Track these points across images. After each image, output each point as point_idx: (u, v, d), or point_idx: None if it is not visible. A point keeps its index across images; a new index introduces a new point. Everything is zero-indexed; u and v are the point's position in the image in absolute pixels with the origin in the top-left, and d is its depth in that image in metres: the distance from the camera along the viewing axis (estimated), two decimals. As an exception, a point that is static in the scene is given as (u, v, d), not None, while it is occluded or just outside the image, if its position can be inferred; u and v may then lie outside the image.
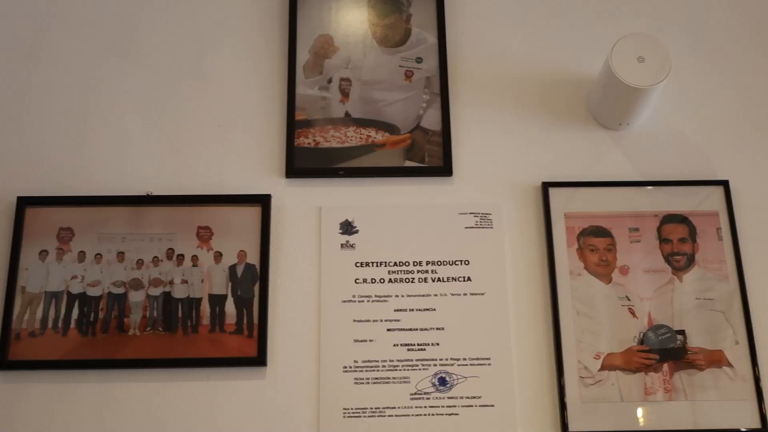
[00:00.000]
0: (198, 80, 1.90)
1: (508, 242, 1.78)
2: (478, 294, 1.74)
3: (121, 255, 1.73)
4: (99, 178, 1.81)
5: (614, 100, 1.79)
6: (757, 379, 1.68)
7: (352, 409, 1.65)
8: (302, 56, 1.90)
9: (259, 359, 1.67)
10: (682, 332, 1.72)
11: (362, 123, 1.85)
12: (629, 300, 1.74)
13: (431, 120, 1.86)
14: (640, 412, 1.66)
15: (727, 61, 1.95)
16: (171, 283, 1.72)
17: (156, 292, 1.71)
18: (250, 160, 1.83)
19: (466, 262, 1.76)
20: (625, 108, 1.79)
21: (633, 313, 1.73)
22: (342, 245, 1.76)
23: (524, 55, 1.94)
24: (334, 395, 1.66)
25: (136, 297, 1.71)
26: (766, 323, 1.73)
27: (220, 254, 1.74)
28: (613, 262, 1.76)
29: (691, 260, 1.77)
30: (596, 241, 1.78)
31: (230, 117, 1.87)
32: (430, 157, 1.83)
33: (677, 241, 1.78)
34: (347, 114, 1.86)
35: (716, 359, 1.70)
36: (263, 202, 1.77)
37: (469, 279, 1.74)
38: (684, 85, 1.92)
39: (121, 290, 1.71)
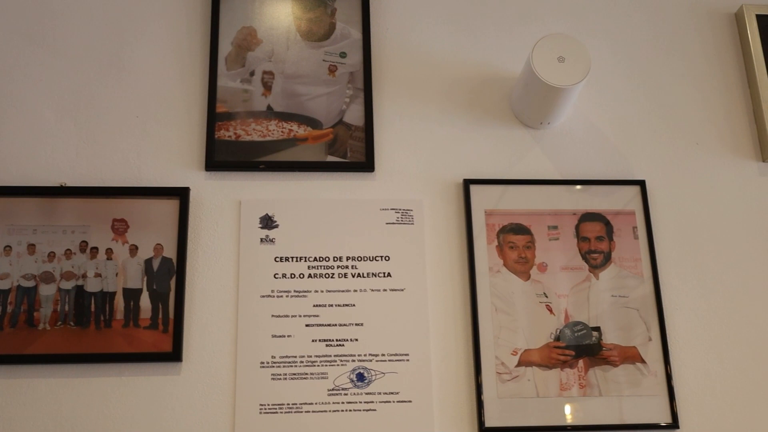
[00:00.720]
0: (117, 70, 1.86)
1: (429, 238, 1.78)
2: (398, 290, 1.73)
3: (31, 247, 1.68)
4: (10, 168, 1.76)
5: (535, 99, 1.81)
6: (668, 375, 1.71)
7: (268, 405, 1.63)
8: (224, 48, 1.87)
9: (174, 355, 1.64)
10: (597, 329, 1.74)
11: (284, 117, 1.83)
12: (547, 297, 1.75)
13: (354, 115, 1.85)
14: (555, 407, 1.68)
15: (646, 64, 1.99)
16: (84, 276, 1.68)
17: (68, 285, 1.67)
18: (168, 152, 1.80)
19: (387, 258, 1.75)
20: (546, 107, 1.81)
21: (550, 310, 1.75)
22: (262, 240, 1.74)
23: (449, 52, 1.95)
24: (250, 391, 1.64)
25: (46, 290, 1.66)
26: (679, 320, 1.77)
27: (136, 247, 1.70)
28: (532, 260, 1.78)
29: (607, 258, 1.80)
30: (516, 238, 1.79)
31: (149, 108, 1.83)
32: (353, 152, 1.82)
33: (594, 240, 1.81)
34: (269, 107, 1.84)
35: (630, 355, 1.73)
36: (181, 195, 1.74)
37: (389, 275, 1.74)
38: (604, 87, 1.96)
39: (31, 283, 1.66)
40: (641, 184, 1.86)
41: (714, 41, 2.03)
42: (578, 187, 1.84)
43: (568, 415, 1.67)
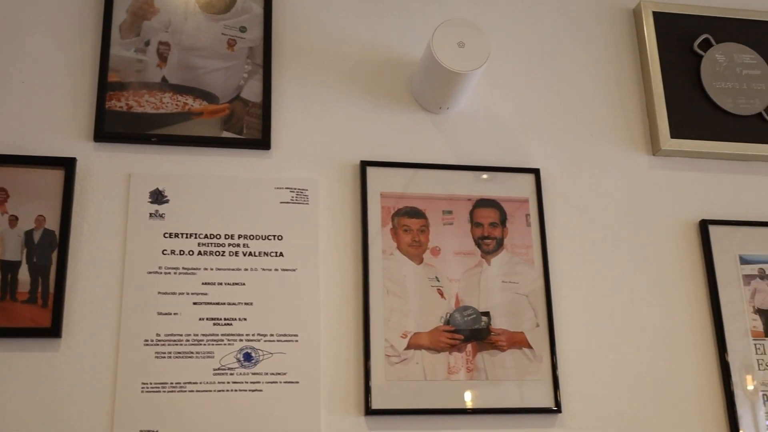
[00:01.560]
0: (1, 31, 1.78)
1: (323, 219, 1.77)
2: (290, 270, 1.71)
3: None
4: None
5: (434, 84, 1.81)
6: (553, 361, 1.74)
7: (151, 383, 1.59)
8: (119, 16, 1.81)
9: (53, 330, 1.58)
10: (487, 314, 1.76)
11: (179, 90, 1.79)
12: (438, 281, 1.76)
13: (252, 91, 1.82)
14: (442, 390, 1.69)
15: (546, 54, 2.02)
16: (-42, 246, 1.60)
17: (-59, 255, 1.59)
18: (55, 121, 1.73)
19: (279, 238, 1.73)
20: (445, 92, 1.82)
21: (441, 294, 1.76)
22: (151, 215, 1.70)
23: (351, 33, 1.93)
24: (132, 369, 1.59)
25: None
26: (566, 307, 1.81)
27: (16, 218, 1.63)
28: (426, 243, 1.79)
29: (500, 244, 1.82)
30: (410, 221, 1.79)
31: (36, 74, 1.76)
32: (249, 129, 1.79)
33: (488, 226, 1.82)
34: (164, 79, 1.79)
35: (517, 341, 1.75)
36: (67, 165, 1.68)
37: (281, 254, 1.72)
38: (504, 75, 1.97)
39: None
40: (536, 172, 1.88)
41: (613, 35, 2.07)
42: (474, 173, 1.85)
43: (455, 398, 1.69)
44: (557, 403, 1.72)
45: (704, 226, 1.91)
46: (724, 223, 1.93)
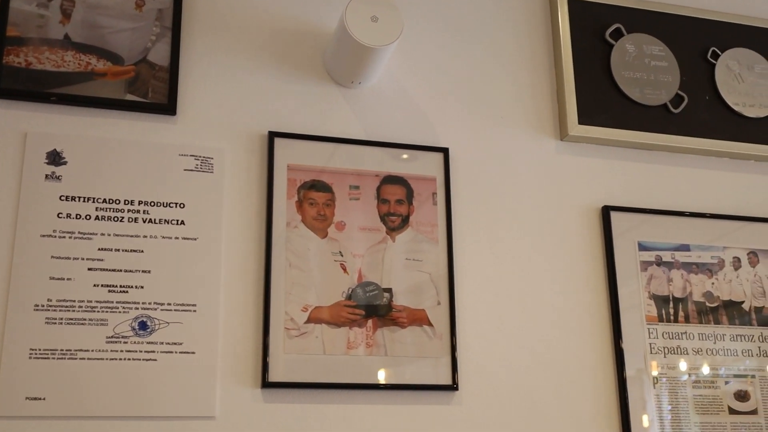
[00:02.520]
0: None
1: (228, 189, 1.74)
2: (191, 239, 1.68)
3: None
4: None
5: (347, 58, 1.79)
6: (453, 339, 1.76)
7: (40, 349, 1.54)
8: (21, -32, 1.74)
9: (-64, 292, 1.52)
10: (389, 290, 1.76)
11: (83, 48, 1.73)
12: (342, 256, 1.76)
13: (159, 55, 1.77)
14: (340, 365, 1.68)
15: (461, 35, 2.02)
16: None
17: None
18: (-52, 73, 1.66)
19: (182, 206, 1.70)
20: (357, 66, 1.80)
21: (344, 269, 1.75)
22: (47, 176, 1.64)
23: (265, 2, 1.90)
24: (20, 335, 1.54)
25: None
26: (468, 287, 1.82)
27: None
28: (331, 218, 1.77)
29: (405, 222, 1.82)
30: (316, 195, 1.78)
31: (-72, 23, 1.68)
32: (154, 93, 1.74)
33: (394, 202, 1.82)
34: (67, 37, 1.73)
35: (418, 318, 1.76)
36: (-42, 120, 1.61)
37: (182, 223, 1.69)
38: (418, 53, 1.97)
39: None
40: (445, 151, 1.89)
41: (527, 20, 2.08)
42: (383, 149, 1.85)
43: (353, 373, 1.68)
44: (455, 381, 1.73)
45: (606, 212, 1.95)
46: (625, 210, 1.97)
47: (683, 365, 1.89)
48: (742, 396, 1.92)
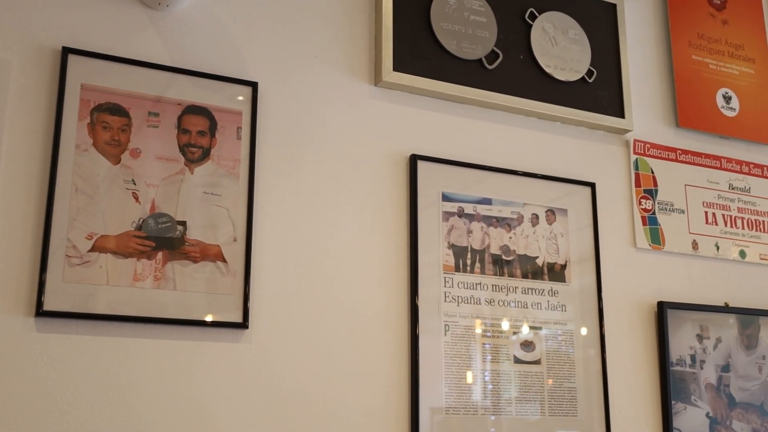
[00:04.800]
0: None
1: (12, 104, 1.61)
2: (-35, 154, 1.56)
3: None
4: None
5: (153, -24, 1.70)
6: (247, 277, 1.72)
7: None
8: None
9: None
10: (183, 223, 1.70)
11: None
12: (135, 184, 1.68)
13: (-58, -49, 1.61)
14: (125, 297, 1.62)
15: (281, -33, 1.96)
16: None
17: None
18: None
19: (-43, 118, 1.56)
20: (163, -13, 1.71)
21: (136, 198, 1.68)
22: None
23: None
24: None
25: None
26: (268, 226, 1.79)
27: None
28: (125, 144, 1.69)
29: (206, 154, 1.76)
30: (111, 119, 1.68)
31: None
32: (-67, -8, 1.59)
33: (195, 134, 1.76)
34: None
35: (212, 253, 1.72)
36: None
37: (-44, 136, 1.56)
38: (234, -19, 1.89)
39: None
40: (254, 86, 1.83)
41: (352, -39, 2.05)
42: (188, 77, 1.77)
43: (138, 306, 1.62)
44: (245, 319, 1.71)
45: (414, 160, 1.96)
46: (432, 160, 1.99)
47: (475, 314, 1.95)
48: (527, 346, 1.99)
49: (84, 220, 1.62)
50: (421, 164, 1.97)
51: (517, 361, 1.97)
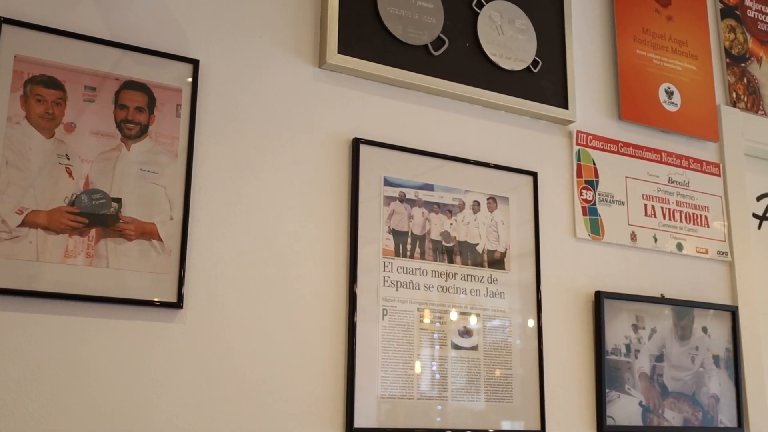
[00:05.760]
0: None
1: (-59, 73, 1.57)
2: None
3: None
4: None
5: (92, -53, 1.66)
6: (183, 256, 1.70)
7: None
8: None
9: None
10: (118, 200, 1.67)
11: None
12: (69, 159, 1.64)
13: None
14: (55, 274, 1.58)
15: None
16: None
17: None
18: None
19: None
20: (103, -42, 1.68)
21: (70, 174, 1.64)
22: None
23: None
24: None
25: None
26: (205, 205, 1.77)
27: None
28: (60, 118, 1.65)
29: (144, 131, 1.73)
30: (45, 92, 1.65)
31: None
32: None
33: (133, 110, 1.73)
34: None
35: (147, 232, 1.69)
36: None
37: None
38: (178, -44, 1.86)
39: None
40: (195, 63, 1.80)
41: (299, -59, 2.03)
42: (127, 52, 1.74)
43: (69, 283, 1.59)
44: (180, 299, 1.68)
45: (356, 144, 1.95)
46: (375, 144, 1.98)
47: (414, 299, 1.95)
48: (465, 333, 2.00)
49: (14, 194, 1.58)
50: (363, 148, 1.96)
51: (455, 347, 1.98)
